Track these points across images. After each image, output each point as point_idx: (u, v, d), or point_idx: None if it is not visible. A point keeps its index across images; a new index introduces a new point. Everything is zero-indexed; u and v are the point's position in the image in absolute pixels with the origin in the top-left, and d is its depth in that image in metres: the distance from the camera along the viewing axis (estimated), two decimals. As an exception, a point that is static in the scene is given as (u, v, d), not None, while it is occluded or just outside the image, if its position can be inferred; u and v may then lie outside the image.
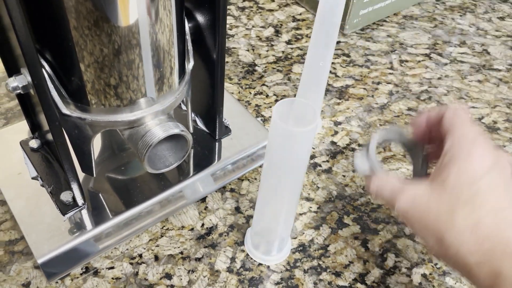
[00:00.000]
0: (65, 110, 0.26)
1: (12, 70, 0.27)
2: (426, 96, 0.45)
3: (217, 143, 0.37)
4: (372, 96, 0.45)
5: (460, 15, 0.56)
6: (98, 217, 0.31)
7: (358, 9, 0.49)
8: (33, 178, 0.32)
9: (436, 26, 0.54)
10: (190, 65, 0.30)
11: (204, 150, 0.36)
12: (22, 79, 0.25)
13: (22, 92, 0.25)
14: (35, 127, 0.33)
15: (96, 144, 0.36)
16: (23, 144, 0.33)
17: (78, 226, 0.31)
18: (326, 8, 0.32)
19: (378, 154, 0.39)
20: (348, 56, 0.49)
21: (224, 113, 0.38)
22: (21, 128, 0.36)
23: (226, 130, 0.37)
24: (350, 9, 0.48)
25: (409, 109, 0.44)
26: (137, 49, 0.25)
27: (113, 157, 0.36)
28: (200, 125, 0.37)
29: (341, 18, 0.47)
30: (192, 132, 0.36)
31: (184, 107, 0.36)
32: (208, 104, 0.34)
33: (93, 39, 0.23)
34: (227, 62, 0.46)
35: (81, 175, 0.31)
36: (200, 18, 0.30)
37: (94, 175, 0.31)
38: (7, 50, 0.27)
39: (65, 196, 0.30)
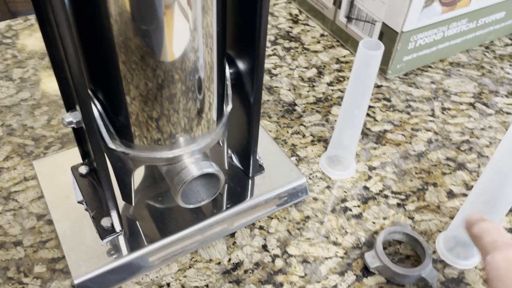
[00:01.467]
0: (111, 144, 0.29)
1: (69, 106, 0.31)
2: (466, 147, 0.45)
3: (250, 180, 0.38)
4: (410, 143, 0.45)
5: (510, 65, 0.55)
6: (133, 243, 0.34)
7: (402, 55, 0.50)
8: (79, 202, 0.35)
9: (483, 74, 0.53)
10: (228, 108, 0.32)
11: (238, 186, 0.38)
12: (76, 115, 0.27)
13: (75, 127, 0.28)
14: (85, 155, 0.36)
15: (139, 172, 0.38)
16: (74, 169, 0.36)
17: (115, 251, 0.33)
18: (363, 60, 0.33)
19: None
20: (389, 100, 0.49)
21: (259, 151, 0.39)
22: (74, 154, 0.39)
23: (260, 169, 0.38)
24: (393, 55, 0.49)
25: (448, 158, 0.43)
26: (177, 91, 0.27)
27: (153, 186, 0.38)
28: (236, 161, 0.39)
29: (384, 63, 0.48)
30: (227, 168, 0.38)
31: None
32: (243, 143, 0.36)
33: (139, 75, 0.25)
34: (268, 100, 0.48)
35: (121, 202, 0.33)
36: (241, 65, 0.32)
37: (133, 204, 0.33)
38: (66, 87, 0.30)
39: (105, 222, 0.33)
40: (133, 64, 0.25)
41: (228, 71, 0.32)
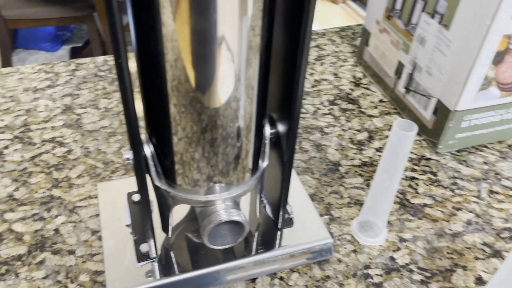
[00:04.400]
0: (157, 182, 0.34)
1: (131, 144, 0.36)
2: (507, 235, 0.44)
3: (278, 232, 0.41)
4: (448, 221, 0.45)
5: None
6: (166, 270, 0.38)
7: (455, 132, 0.50)
8: (126, 225, 0.40)
9: (543, 161, 0.52)
10: (264, 164, 0.36)
11: (267, 235, 0.41)
12: (131, 154, 0.33)
13: (131, 163, 0.33)
14: (140, 185, 0.41)
15: (185, 207, 0.43)
16: (129, 195, 0.42)
17: (148, 274, 0.37)
18: (397, 139, 0.35)
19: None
20: (435, 175, 0.50)
21: (292, 205, 0.42)
22: (134, 182, 0.45)
23: (289, 222, 0.41)
24: (445, 132, 0.50)
25: (484, 243, 0.43)
26: (217, 138, 0.30)
27: (194, 221, 0.42)
28: (268, 211, 0.42)
29: (436, 137, 0.48)
30: (258, 216, 0.41)
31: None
32: (276, 196, 0.39)
33: (185, 119, 0.29)
34: (314, 157, 0.51)
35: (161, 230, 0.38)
36: (280, 127, 0.36)
37: (169, 236, 0.38)
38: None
39: (144, 247, 0.37)
40: (182, 107, 0.29)
41: (268, 130, 0.36)
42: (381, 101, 0.60)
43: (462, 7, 0.44)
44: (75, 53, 1.89)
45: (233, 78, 0.28)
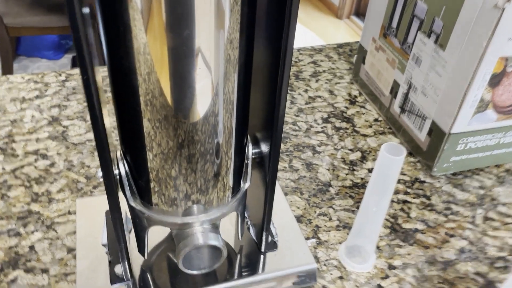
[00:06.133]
0: (131, 202, 0.32)
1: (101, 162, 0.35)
2: (502, 264, 0.42)
3: (262, 255, 0.39)
4: (440, 248, 0.43)
5: None
6: (141, 293, 0.36)
7: (450, 155, 0.49)
8: (102, 245, 0.38)
9: (542, 188, 0.50)
10: (246, 185, 0.35)
11: (250, 258, 0.39)
12: (105, 172, 0.31)
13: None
14: (119, 202, 0.40)
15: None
16: (107, 213, 0.40)
17: (122, 297, 0.35)
18: (384, 163, 0.34)
19: None
20: (428, 198, 0.48)
21: (278, 227, 0.41)
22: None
23: (273, 246, 0.39)
24: (439, 154, 0.48)
25: (477, 273, 0.41)
26: (195, 154, 0.29)
27: (172, 242, 0.41)
28: (252, 233, 0.40)
29: (430, 160, 0.46)
30: (240, 239, 0.39)
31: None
32: (259, 217, 0.38)
33: (160, 134, 0.28)
34: (304, 177, 0.50)
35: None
36: (263, 147, 0.34)
37: (145, 258, 0.36)
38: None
39: (118, 269, 0.36)
40: (156, 123, 0.27)
41: (251, 150, 0.35)
42: (376, 120, 0.59)
43: (458, 27, 0.43)
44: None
45: (210, 92, 0.27)
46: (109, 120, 0.34)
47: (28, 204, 0.44)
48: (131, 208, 0.33)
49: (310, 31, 2.42)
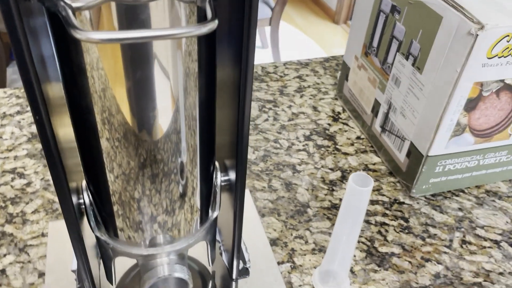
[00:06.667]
0: (96, 232, 0.32)
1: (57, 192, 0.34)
2: (476, 291, 0.41)
3: (233, 282, 0.39)
4: (415, 273, 0.43)
5: (556, 204, 0.51)
6: (111, 321, 0.36)
7: (428, 177, 0.48)
8: (72, 271, 0.38)
9: (521, 210, 0.50)
10: (214, 214, 0.34)
11: (222, 284, 0.39)
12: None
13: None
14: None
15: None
16: (79, 237, 0.40)
17: (91, 325, 0.35)
18: (353, 193, 0.34)
19: None
20: (406, 221, 0.48)
21: (251, 252, 0.40)
22: (87, 220, 0.43)
23: (245, 272, 0.39)
24: (418, 176, 0.48)
25: (451, 300, 0.41)
26: (158, 178, 0.28)
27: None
28: (224, 259, 0.40)
29: (409, 181, 0.46)
30: (210, 266, 0.39)
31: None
32: (229, 245, 0.37)
33: (120, 155, 0.27)
34: (283, 197, 0.49)
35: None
36: (232, 174, 0.34)
37: (114, 286, 0.36)
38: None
39: (86, 296, 0.36)
40: (116, 142, 0.26)
41: (220, 178, 0.34)
42: (358, 138, 0.58)
43: (434, 52, 0.43)
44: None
45: (170, 107, 0.26)
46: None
47: (2, 226, 0.43)
48: (97, 238, 0.33)
49: (307, 36, 2.42)
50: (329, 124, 0.60)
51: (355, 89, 0.59)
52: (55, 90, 0.28)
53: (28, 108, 0.58)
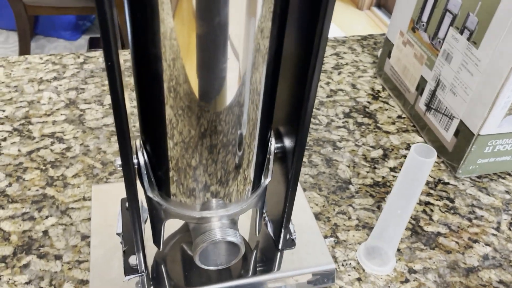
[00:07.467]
0: (149, 193, 0.31)
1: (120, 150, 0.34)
2: (527, 274, 0.40)
3: (279, 253, 0.38)
4: (463, 253, 0.41)
5: None
6: (155, 286, 0.35)
7: (476, 157, 0.47)
8: (117, 234, 0.37)
9: None
10: (266, 181, 0.33)
11: (266, 255, 0.38)
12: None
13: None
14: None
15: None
16: (123, 201, 0.40)
17: (136, 288, 0.35)
18: (413, 164, 0.32)
19: None
20: (452, 201, 0.46)
21: (296, 225, 0.39)
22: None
23: (291, 244, 0.38)
24: (466, 156, 0.46)
25: (501, 281, 0.39)
26: (216, 146, 0.28)
27: (189, 232, 0.40)
28: (269, 229, 0.39)
29: (456, 161, 0.45)
30: (257, 235, 0.38)
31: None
32: (278, 215, 0.37)
33: (182, 123, 0.27)
34: (324, 173, 0.48)
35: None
36: (287, 142, 0.33)
37: (161, 250, 0.35)
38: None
39: (133, 260, 0.35)
40: (179, 110, 0.26)
41: (274, 145, 0.33)
42: (399, 117, 0.57)
43: (494, 25, 0.41)
44: (94, 43, 1.89)
45: (237, 81, 0.25)
46: (128, 105, 0.33)
47: (43, 188, 0.43)
48: (149, 199, 0.32)
49: (331, 22, 2.38)
50: (369, 102, 0.59)
51: (398, 66, 0.57)
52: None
53: (65, 75, 0.58)
